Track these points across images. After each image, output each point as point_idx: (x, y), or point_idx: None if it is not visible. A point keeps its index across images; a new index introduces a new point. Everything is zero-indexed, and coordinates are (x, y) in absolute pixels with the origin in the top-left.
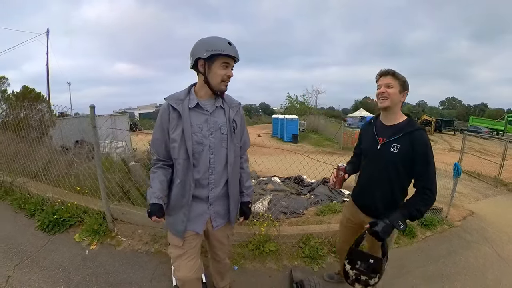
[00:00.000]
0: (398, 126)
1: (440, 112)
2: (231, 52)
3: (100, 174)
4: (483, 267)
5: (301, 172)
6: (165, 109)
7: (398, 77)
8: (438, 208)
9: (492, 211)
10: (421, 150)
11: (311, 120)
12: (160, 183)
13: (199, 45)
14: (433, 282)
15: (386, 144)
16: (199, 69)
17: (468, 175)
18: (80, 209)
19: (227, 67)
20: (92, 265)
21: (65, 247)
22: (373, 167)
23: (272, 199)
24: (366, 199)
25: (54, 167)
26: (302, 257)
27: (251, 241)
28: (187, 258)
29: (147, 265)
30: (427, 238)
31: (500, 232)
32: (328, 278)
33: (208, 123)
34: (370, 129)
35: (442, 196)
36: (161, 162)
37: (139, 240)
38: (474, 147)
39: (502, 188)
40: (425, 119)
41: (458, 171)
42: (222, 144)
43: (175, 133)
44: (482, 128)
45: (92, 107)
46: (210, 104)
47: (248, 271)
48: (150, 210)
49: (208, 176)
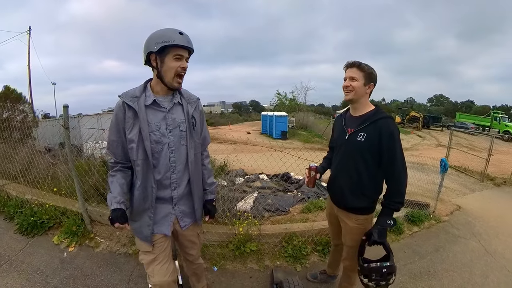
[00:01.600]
0: (365, 116)
1: (428, 108)
2: (182, 42)
3: (75, 176)
4: (470, 262)
5: (289, 169)
6: (119, 107)
7: (364, 69)
8: (425, 204)
9: (479, 205)
10: (387, 137)
11: (300, 117)
12: (120, 186)
13: (149, 39)
14: (420, 279)
15: (354, 133)
16: (152, 64)
17: (455, 170)
18: (58, 211)
19: (180, 59)
20: (70, 268)
21: (43, 249)
22: (341, 156)
23: (258, 197)
24: (335, 188)
25: (35, 168)
26: (284, 257)
27: (231, 241)
28: (160, 263)
29: (125, 267)
30: (414, 234)
31: (487, 227)
32: (311, 278)
33: (166, 120)
34: (340, 121)
35: (429, 191)
36: (119, 164)
37: (117, 241)
38: (461, 143)
39: (489, 182)
40: (413, 115)
41: (445, 167)
42: (181, 142)
43: (132, 133)
44: (468, 124)
45: (65, 106)
46: (167, 101)
47: (228, 272)
48: (112, 216)
49: (169, 176)
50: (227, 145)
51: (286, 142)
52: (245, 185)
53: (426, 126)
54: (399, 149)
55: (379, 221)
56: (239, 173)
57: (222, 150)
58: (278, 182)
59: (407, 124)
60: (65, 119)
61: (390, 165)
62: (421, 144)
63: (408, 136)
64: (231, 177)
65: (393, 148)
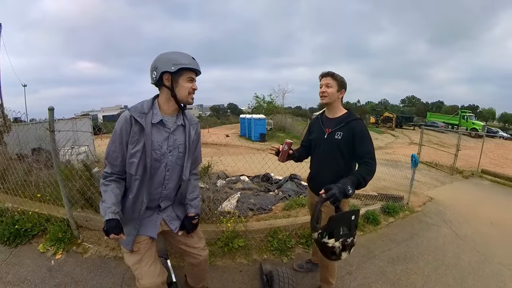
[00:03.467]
0: (340, 118)
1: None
2: (196, 66)
3: (61, 180)
4: (443, 246)
5: (269, 170)
6: (126, 120)
7: (337, 78)
8: (399, 196)
9: (449, 196)
10: (359, 134)
11: (278, 119)
12: (115, 196)
13: (163, 59)
14: (398, 263)
15: (332, 132)
16: (164, 83)
17: (427, 165)
18: (42, 218)
19: (191, 81)
20: (59, 276)
21: (29, 259)
22: (321, 152)
23: (240, 197)
24: (318, 179)
25: (12, 175)
26: (271, 250)
27: (219, 238)
28: (146, 263)
29: (116, 270)
30: (390, 224)
31: (457, 214)
32: (298, 268)
33: (168, 141)
34: (317, 122)
35: (402, 185)
36: (114, 175)
37: (106, 246)
38: (432, 140)
39: (458, 175)
40: (387, 116)
41: (415, 161)
42: (178, 162)
43: (136, 148)
44: (438, 123)
45: (50, 109)
46: (172, 121)
47: (219, 267)
48: (106, 227)
49: (160, 191)
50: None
51: (265, 144)
52: (227, 187)
53: (399, 125)
54: (369, 143)
55: (342, 181)
56: (220, 176)
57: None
58: (259, 183)
59: (381, 124)
60: (50, 122)
61: (363, 156)
62: (395, 143)
63: (382, 135)
64: (213, 180)
65: (364, 143)
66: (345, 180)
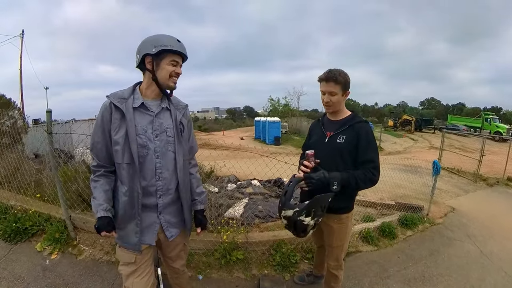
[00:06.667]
0: (343, 120)
1: (420, 112)
2: (180, 48)
3: (58, 182)
4: (466, 265)
5: (282, 175)
6: (106, 108)
7: (340, 81)
8: (419, 206)
9: (473, 206)
10: (364, 139)
11: (293, 122)
12: (105, 193)
13: (146, 42)
14: (415, 285)
15: (333, 136)
16: (146, 67)
17: (448, 171)
18: (42, 217)
19: (175, 65)
20: (51, 276)
21: (26, 256)
22: (321, 157)
23: (248, 202)
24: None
25: (20, 174)
26: (272, 265)
27: (217, 249)
28: (140, 275)
29: (107, 276)
30: (408, 238)
31: (482, 228)
32: (298, 281)
33: (153, 124)
34: (318, 125)
35: (422, 194)
36: (102, 169)
37: (101, 249)
38: (454, 144)
39: (482, 183)
40: (405, 118)
41: (437, 168)
42: (168, 148)
43: (118, 134)
44: (460, 126)
45: (48, 111)
46: (155, 105)
47: (213, 280)
48: (98, 225)
49: (155, 182)
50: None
51: (279, 148)
52: (237, 191)
53: (419, 129)
54: (374, 150)
55: (332, 174)
56: (231, 179)
57: (214, 157)
58: (270, 188)
59: (400, 128)
60: (48, 124)
61: (366, 164)
62: (414, 147)
63: (401, 139)
64: (223, 184)
65: (369, 150)
66: (336, 174)
